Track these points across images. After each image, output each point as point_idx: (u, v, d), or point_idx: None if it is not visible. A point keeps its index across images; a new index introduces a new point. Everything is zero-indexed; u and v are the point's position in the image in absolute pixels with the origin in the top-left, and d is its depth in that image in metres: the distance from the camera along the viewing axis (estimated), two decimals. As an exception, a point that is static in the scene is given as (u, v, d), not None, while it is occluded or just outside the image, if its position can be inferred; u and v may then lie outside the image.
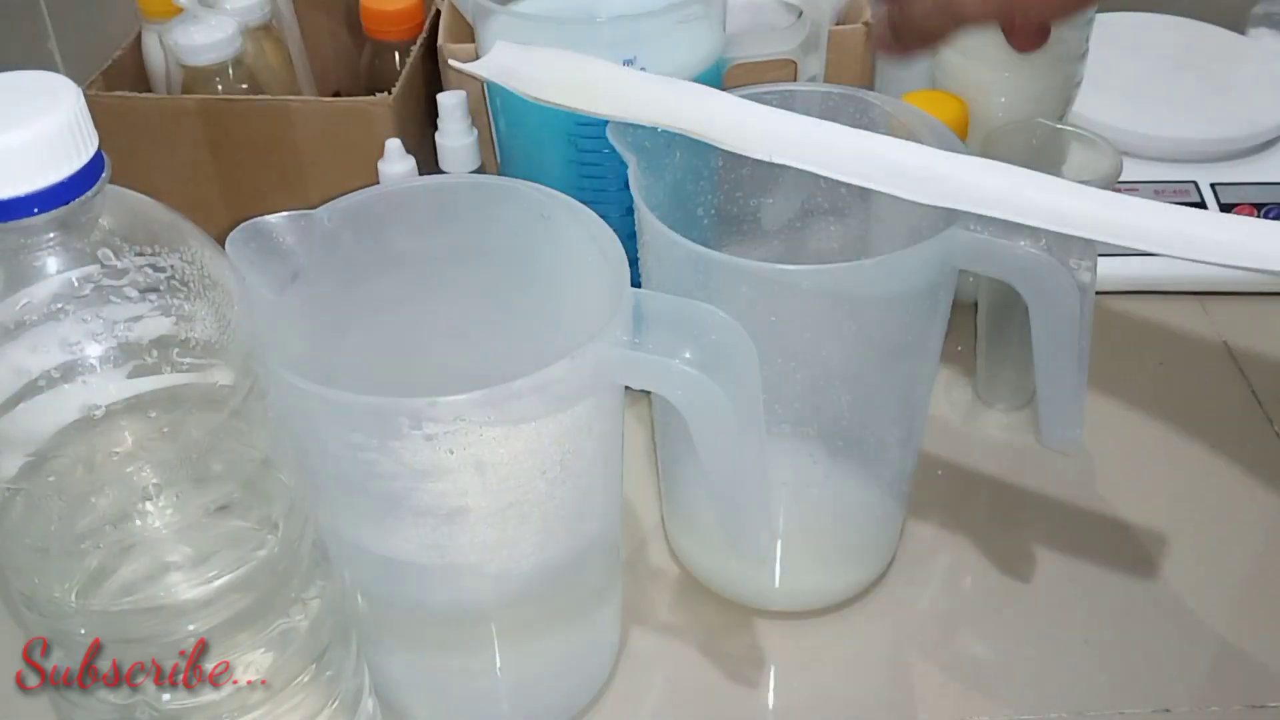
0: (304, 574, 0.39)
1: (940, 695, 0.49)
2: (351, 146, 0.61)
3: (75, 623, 0.35)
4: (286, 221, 0.41)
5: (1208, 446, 0.60)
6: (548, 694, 0.48)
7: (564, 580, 0.44)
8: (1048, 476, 0.59)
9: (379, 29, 0.70)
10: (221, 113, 0.62)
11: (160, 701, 0.36)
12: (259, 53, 0.68)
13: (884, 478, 0.51)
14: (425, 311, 0.47)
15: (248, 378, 0.35)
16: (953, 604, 0.53)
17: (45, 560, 0.34)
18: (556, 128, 0.56)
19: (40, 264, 0.30)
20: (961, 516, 0.57)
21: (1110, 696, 0.49)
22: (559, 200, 0.43)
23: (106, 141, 0.30)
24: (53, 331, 0.30)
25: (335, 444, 0.38)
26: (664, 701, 0.49)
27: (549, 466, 0.39)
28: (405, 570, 0.41)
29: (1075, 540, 0.56)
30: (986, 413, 0.63)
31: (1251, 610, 0.52)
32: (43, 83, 0.30)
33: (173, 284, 0.32)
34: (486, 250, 0.46)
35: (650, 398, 0.55)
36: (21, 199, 0.29)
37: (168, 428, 0.33)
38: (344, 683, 0.42)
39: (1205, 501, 0.58)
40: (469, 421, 0.36)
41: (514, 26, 0.55)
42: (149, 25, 0.69)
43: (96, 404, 0.31)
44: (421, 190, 0.46)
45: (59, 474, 0.32)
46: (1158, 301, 0.69)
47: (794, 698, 0.49)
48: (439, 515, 0.39)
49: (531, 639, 0.46)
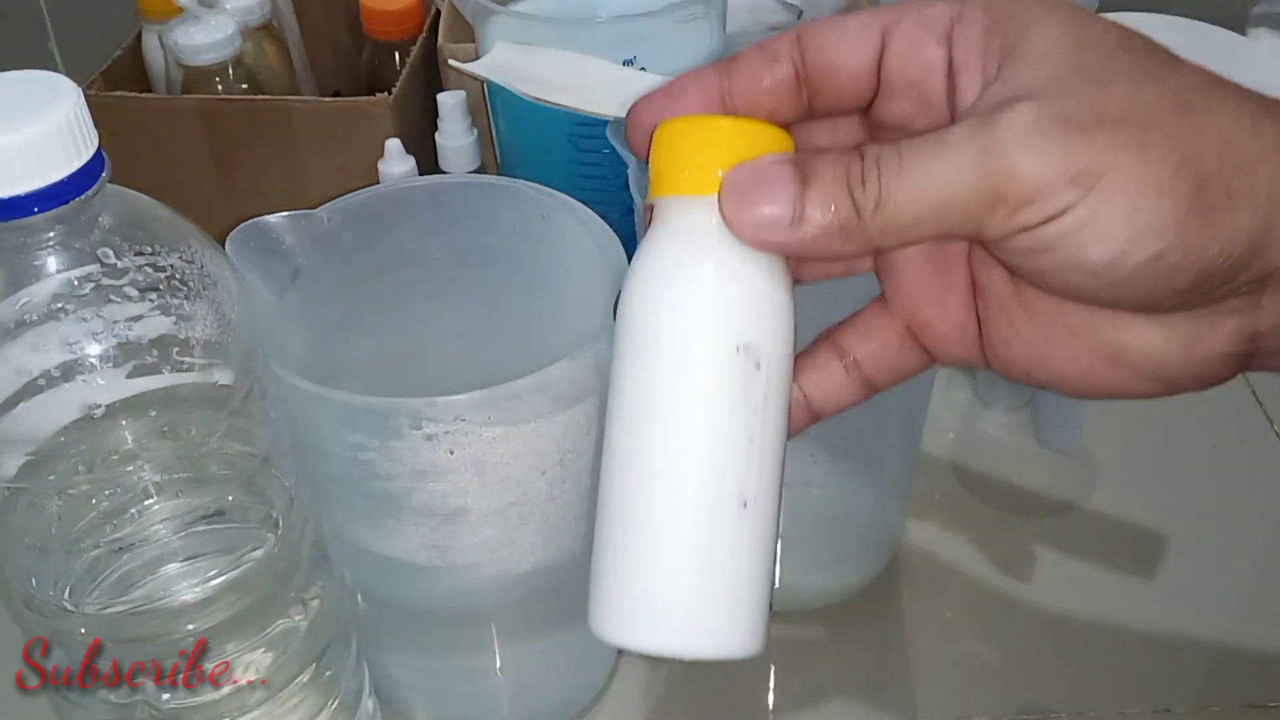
0: (304, 574, 0.39)
1: (940, 695, 0.49)
2: (351, 146, 0.61)
3: (75, 622, 0.35)
4: (286, 221, 0.41)
5: (1208, 446, 0.60)
6: (548, 694, 0.48)
7: (564, 580, 0.44)
8: (1048, 476, 0.59)
9: (379, 29, 0.70)
10: (221, 113, 0.62)
11: (160, 701, 0.36)
12: (259, 53, 0.68)
13: (884, 478, 0.51)
14: (425, 311, 0.47)
15: (248, 377, 0.35)
16: (953, 604, 0.53)
17: (45, 559, 0.34)
18: (556, 128, 0.56)
19: (40, 263, 0.30)
20: (961, 516, 0.57)
21: (1110, 696, 0.49)
22: (559, 200, 0.43)
23: (106, 141, 0.30)
24: (53, 331, 0.30)
25: (335, 444, 0.38)
26: (664, 701, 0.49)
27: (549, 466, 0.39)
28: (405, 570, 0.41)
29: (1075, 540, 0.56)
30: (986, 413, 0.63)
31: (1251, 610, 0.52)
32: (43, 83, 0.30)
33: (173, 283, 0.32)
34: (486, 250, 0.46)
35: (650, 398, 0.55)
36: (22, 198, 0.29)
37: (167, 427, 0.33)
38: (344, 683, 0.42)
39: (1205, 501, 0.58)
40: (469, 421, 0.36)
41: (514, 26, 0.55)
42: (149, 25, 0.69)
43: (96, 403, 0.31)
44: (421, 190, 0.45)
45: (59, 473, 0.32)
46: (1158, 302, 0.69)
47: (794, 698, 0.49)
48: (439, 515, 0.39)
49: (531, 639, 0.46)
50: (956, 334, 0.30)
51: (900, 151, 0.26)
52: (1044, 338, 0.28)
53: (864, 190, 0.26)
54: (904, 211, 0.26)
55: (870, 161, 0.26)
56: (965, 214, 0.26)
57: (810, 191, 0.26)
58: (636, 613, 0.28)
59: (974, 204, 0.25)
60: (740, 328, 0.28)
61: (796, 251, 0.27)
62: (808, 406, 0.32)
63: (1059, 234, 0.25)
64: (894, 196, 0.26)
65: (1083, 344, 0.28)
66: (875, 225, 0.26)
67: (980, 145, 0.25)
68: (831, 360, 0.32)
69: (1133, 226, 0.25)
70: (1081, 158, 0.25)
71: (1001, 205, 0.25)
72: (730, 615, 0.29)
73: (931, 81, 0.28)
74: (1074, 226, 0.25)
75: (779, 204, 0.27)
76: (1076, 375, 0.29)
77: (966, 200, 0.25)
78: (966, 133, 0.25)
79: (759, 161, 0.27)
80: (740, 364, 0.27)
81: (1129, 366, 0.28)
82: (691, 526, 0.28)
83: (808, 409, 0.32)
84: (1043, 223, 0.25)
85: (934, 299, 0.30)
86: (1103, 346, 0.28)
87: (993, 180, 0.25)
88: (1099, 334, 0.28)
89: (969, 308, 0.30)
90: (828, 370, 0.32)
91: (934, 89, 0.28)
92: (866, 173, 0.26)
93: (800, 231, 0.27)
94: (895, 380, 0.32)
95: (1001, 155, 0.25)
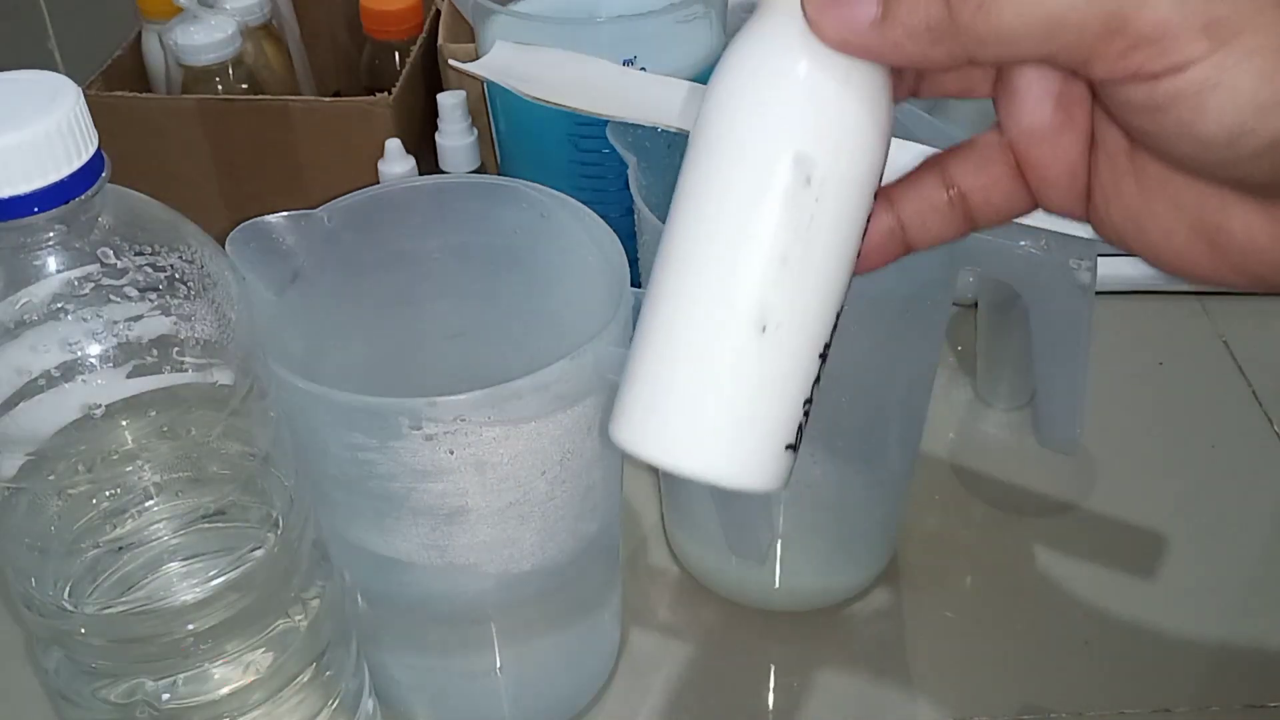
0: (304, 574, 0.39)
1: (940, 695, 0.49)
2: (351, 146, 0.61)
3: (75, 622, 0.35)
4: (286, 221, 0.41)
5: (1208, 446, 0.60)
6: (548, 694, 0.48)
7: (564, 580, 0.44)
8: (1048, 476, 0.59)
9: (379, 29, 0.70)
10: (221, 113, 0.62)
11: (160, 701, 0.36)
12: (259, 53, 0.68)
13: (884, 478, 0.51)
14: (425, 311, 0.47)
15: (247, 377, 0.35)
16: (953, 604, 0.53)
17: (45, 559, 0.34)
18: (556, 128, 0.56)
19: (40, 263, 0.30)
20: (961, 516, 0.57)
21: (1110, 696, 0.49)
22: (559, 200, 0.43)
23: (106, 141, 0.30)
24: (53, 331, 0.30)
25: (335, 444, 0.38)
26: (664, 701, 0.49)
27: (549, 466, 0.39)
28: (405, 570, 0.41)
29: (1075, 540, 0.56)
30: (986, 413, 0.63)
31: (1251, 610, 0.52)
32: (43, 83, 0.30)
33: (173, 283, 0.32)
34: (486, 250, 0.46)
35: (650, 398, 0.55)
36: (21, 198, 0.29)
37: (167, 427, 0.33)
38: (344, 683, 0.42)
39: (1205, 501, 0.58)
40: (469, 421, 0.36)
41: (514, 26, 0.55)
42: (149, 25, 0.69)
43: (96, 403, 0.31)
44: (421, 190, 0.45)
45: (59, 473, 0.32)
46: (1158, 301, 0.69)
47: (794, 698, 0.49)
48: (439, 515, 0.39)
49: (531, 639, 0.46)
50: (1065, 180, 0.27)
51: None
52: (1146, 204, 0.26)
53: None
54: (1008, 19, 0.23)
55: None
56: (1078, 37, 0.23)
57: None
58: (635, 419, 0.27)
59: (1090, 27, 0.22)
60: (793, 138, 0.25)
61: (881, 56, 0.25)
62: (902, 236, 0.29)
63: (1176, 92, 0.22)
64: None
65: (1184, 219, 0.26)
66: (972, 30, 0.23)
67: None
68: (936, 189, 0.29)
69: (1260, 98, 0.22)
70: (1223, 3, 0.22)
71: (1119, 37, 0.22)
72: (733, 442, 0.26)
73: None
74: (1194, 86, 0.22)
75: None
76: (1171, 251, 0.26)
77: (1083, 20, 0.22)
78: None
79: None
80: (787, 176, 0.25)
81: (1227, 253, 0.25)
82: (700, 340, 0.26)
83: (902, 239, 0.29)
84: (1160, 74, 0.22)
85: (1050, 135, 0.27)
86: (1204, 226, 0.25)
87: (1119, 3, 0.22)
88: (1203, 211, 0.25)
89: (1083, 153, 0.27)
90: (930, 199, 0.29)
91: None
92: None
93: (884, 33, 0.24)
94: (999, 221, 0.29)
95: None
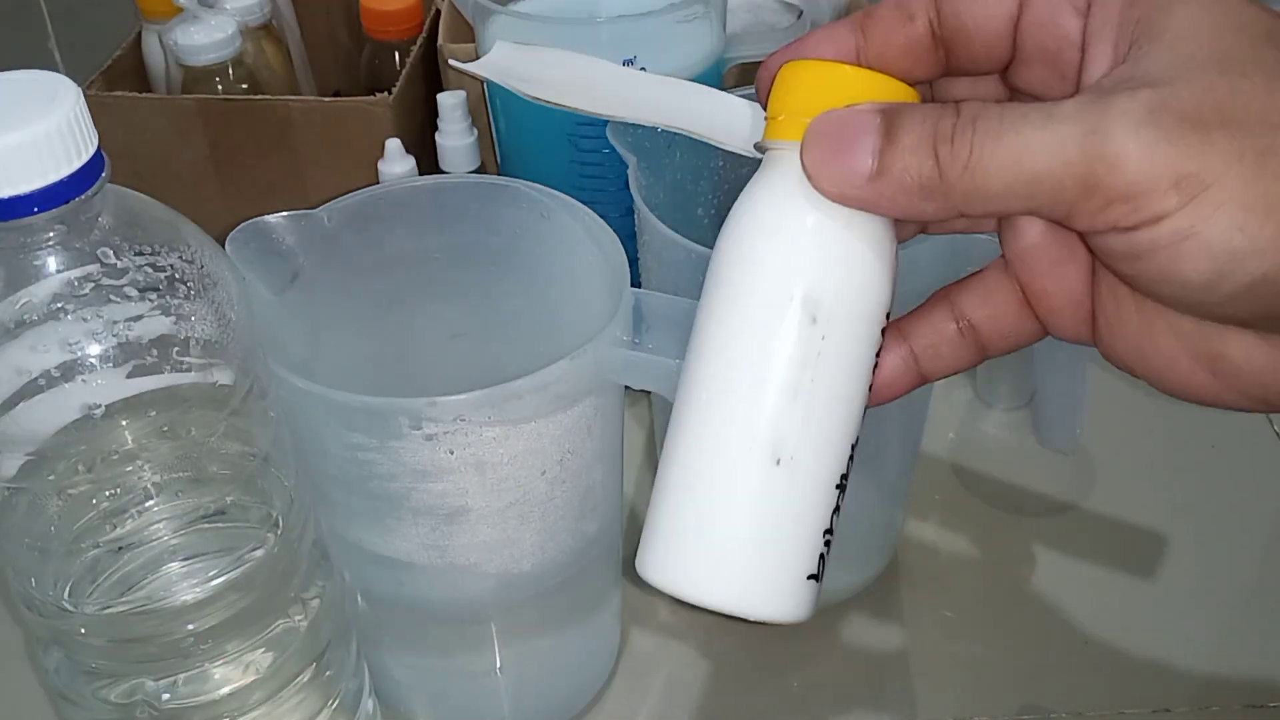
0: (304, 574, 0.39)
1: (940, 695, 0.49)
2: (351, 146, 0.61)
3: (75, 622, 0.35)
4: (286, 221, 0.41)
5: (1208, 446, 0.60)
6: (548, 694, 0.48)
7: (564, 580, 0.44)
8: (1048, 476, 0.59)
9: (379, 29, 0.70)
10: (221, 113, 0.62)
11: (160, 701, 0.36)
12: (259, 53, 0.68)
13: (884, 478, 0.51)
14: (425, 311, 0.47)
15: (248, 377, 0.35)
16: (953, 604, 0.53)
17: (45, 559, 0.34)
18: (556, 128, 0.56)
19: (40, 263, 0.30)
20: (961, 516, 0.57)
21: (1110, 696, 0.49)
22: (559, 200, 0.43)
23: (106, 141, 0.30)
24: (53, 331, 0.30)
25: (335, 444, 0.38)
26: (664, 701, 0.49)
27: (549, 466, 0.39)
28: (405, 570, 0.41)
29: (1075, 540, 0.56)
30: (986, 413, 0.63)
31: (1251, 610, 0.52)
32: (43, 83, 0.30)
33: (172, 283, 0.32)
34: (486, 250, 0.46)
35: (650, 398, 0.55)
36: (21, 198, 0.29)
37: (167, 427, 0.33)
38: (344, 683, 0.42)
39: (1205, 501, 0.58)
40: (469, 421, 0.36)
41: (514, 26, 0.55)
42: (149, 25, 0.69)
43: (96, 403, 0.31)
44: (421, 190, 0.45)
45: (59, 473, 0.32)
46: (1158, 302, 0.69)
47: (794, 698, 0.49)
48: (439, 515, 0.39)
49: (531, 639, 0.46)
50: (1070, 309, 0.28)
51: (1003, 114, 0.24)
52: (1147, 333, 0.27)
53: (952, 149, 0.24)
54: (992, 178, 0.24)
55: (967, 120, 0.24)
56: (1056, 195, 0.23)
57: (894, 145, 0.24)
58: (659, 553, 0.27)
59: (1067, 186, 0.23)
60: (800, 278, 0.26)
61: (876, 208, 0.26)
62: (916, 368, 0.30)
63: (1153, 241, 0.23)
64: (984, 161, 0.24)
65: (1185, 347, 0.26)
66: (960, 188, 0.24)
67: (1088, 125, 0.23)
68: (945, 320, 0.30)
69: (1233, 245, 0.22)
70: (1191, 160, 0.22)
71: (1095, 195, 0.23)
72: (754, 573, 0.27)
73: (1067, 53, 0.26)
74: (1170, 237, 0.23)
75: (858, 156, 0.25)
76: (1175, 378, 0.27)
77: (1060, 180, 0.23)
78: (1077, 109, 0.23)
79: (848, 110, 0.25)
80: (794, 315, 0.26)
81: (1228, 378, 0.26)
82: (717, 473, 0.27)
83: (916, 371, 0.30)
84: (1136, 226, 0.23)
85: (1052, 268, 0.28)
86: (1204, 354, 0.26)
87: (1091, 165, 0.23)
88: (1201, 341, 0.26)
89: (1086, 284, 0.28)
90: (941, 331, 0.29)
91: (1069, 60, 0.26)
92: (959, 131, 0.24)
93: (879, 188, 0.25)
94: (1009, 348, 0.30)
95: (1106, 140, 0.23)
